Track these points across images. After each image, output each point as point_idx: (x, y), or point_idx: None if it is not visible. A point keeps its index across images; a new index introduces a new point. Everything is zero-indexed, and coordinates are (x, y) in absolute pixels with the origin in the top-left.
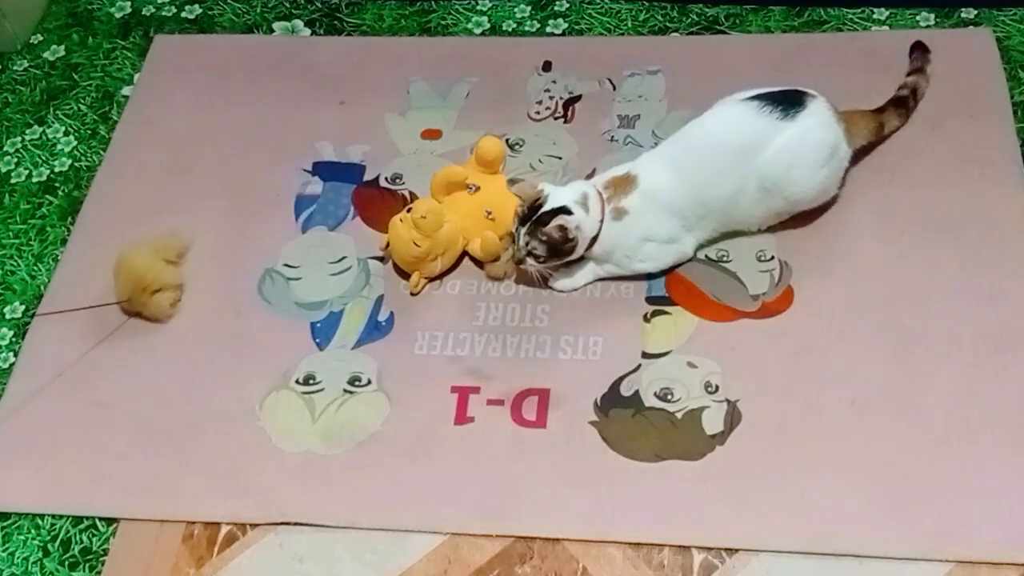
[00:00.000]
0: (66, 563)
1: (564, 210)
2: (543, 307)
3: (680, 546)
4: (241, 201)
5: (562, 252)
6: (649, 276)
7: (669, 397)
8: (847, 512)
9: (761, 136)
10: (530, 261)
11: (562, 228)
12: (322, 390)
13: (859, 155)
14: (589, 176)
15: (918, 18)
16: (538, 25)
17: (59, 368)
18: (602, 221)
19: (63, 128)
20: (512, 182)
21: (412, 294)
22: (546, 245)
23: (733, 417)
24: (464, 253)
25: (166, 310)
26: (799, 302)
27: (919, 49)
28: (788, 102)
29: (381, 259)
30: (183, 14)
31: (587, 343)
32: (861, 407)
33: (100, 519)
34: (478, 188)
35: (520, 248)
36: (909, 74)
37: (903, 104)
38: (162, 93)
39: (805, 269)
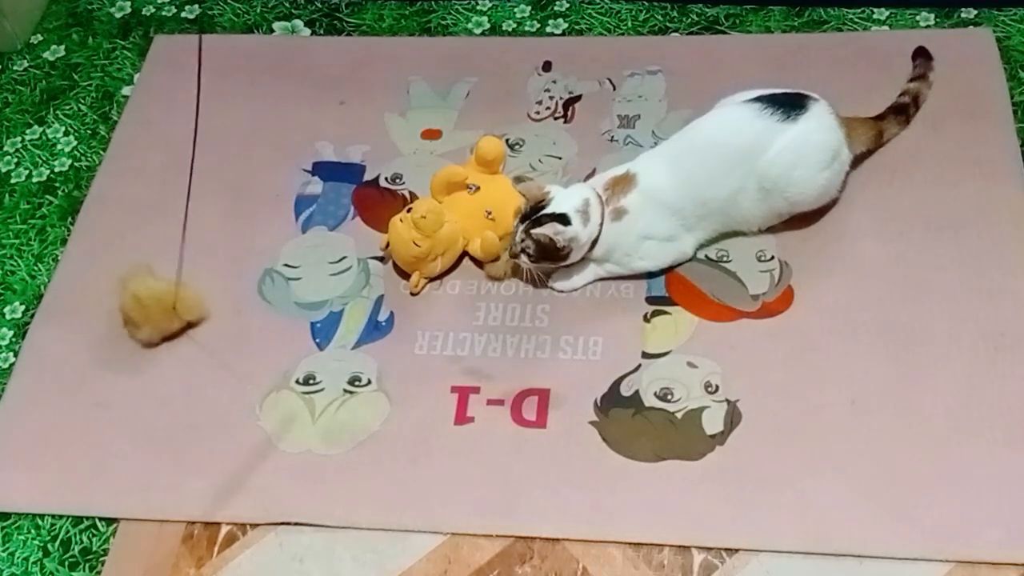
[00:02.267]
0: (66, 563)
1: (563, 218)
2: (543, 307)
3: (680, 546)
4: (241, 201)
5: (555, 257)
6: (649, 276)
7: (669, 397)
8: (847, 512)
9: (762, 138)
10: (523, 258)
11: (551, 239)
12: (322, 390)
13: (859, 158)
14: (589, 176)
15: (918, 18)
16: (538, 25)
17: (59, 368)
18: (601, 224)
19: (63, 128)
20: (519, 180)
21: (412, 294)
22: (538, 247)
23: (733, 417)
24: (464, 253)
25: (202, 307)
26: (799, 302)
27: (922, 55)
28: (790, 104)
29: (381, 259)
30: (183, 14)
31: (587, 343)
32: (861, 407)
33: (100, 519)
34: (478, 188)
35: (515, 244)
36: (911, 80)
37: (903, 111)
38: (162, 93)
39: (805, 269)
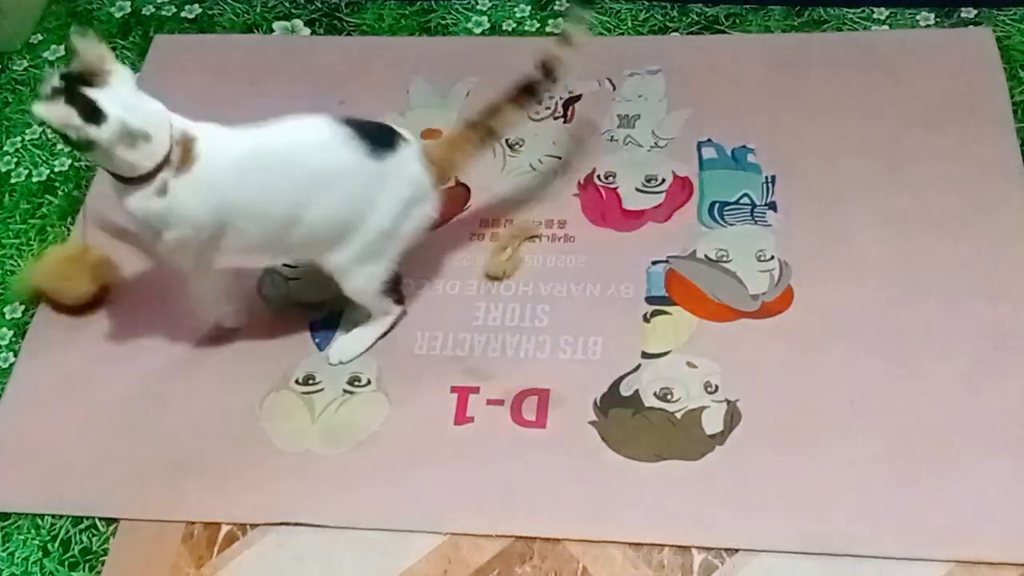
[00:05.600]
0: (66, 563)
1: None
2: (543, 307)
3: (680, 546)
4: None
5: None
6: (648, 277)
7: (669, 397)
8: (847, 512)
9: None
10: None
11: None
12: (322, 390)
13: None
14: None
15: (918, 18)
16: (538, 25)
17: (59, 368)
18: None
19: None
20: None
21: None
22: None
23: (733, 417)
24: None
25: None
26: (799, 302)
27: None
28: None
29: None
30: (183, 14)
31: (587, 343)
32: (861, 407)
33: (100, 519)
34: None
35: None
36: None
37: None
38: (162, 93)
39: (805, 269)
